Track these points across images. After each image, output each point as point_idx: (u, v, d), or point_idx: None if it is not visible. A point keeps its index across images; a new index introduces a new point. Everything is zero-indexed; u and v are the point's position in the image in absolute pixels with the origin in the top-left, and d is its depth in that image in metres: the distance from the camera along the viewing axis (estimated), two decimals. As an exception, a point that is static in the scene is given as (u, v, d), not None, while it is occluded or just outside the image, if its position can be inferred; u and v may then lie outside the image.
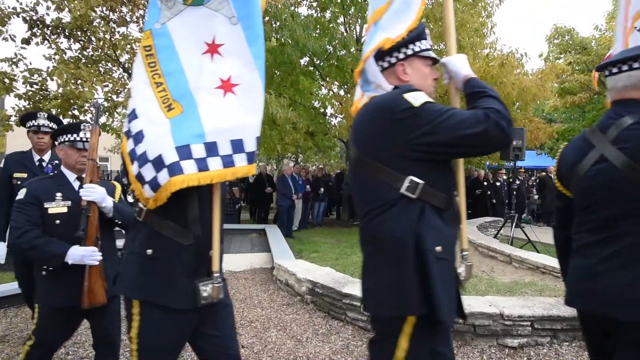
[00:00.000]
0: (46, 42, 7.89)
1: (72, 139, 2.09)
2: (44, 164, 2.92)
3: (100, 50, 8.03)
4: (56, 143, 2.17)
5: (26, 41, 7.64)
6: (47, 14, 7.76)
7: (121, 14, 8.27)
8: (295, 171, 9.60)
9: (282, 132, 8.92)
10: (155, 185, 1.45)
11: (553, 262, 4.94)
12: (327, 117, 11.05)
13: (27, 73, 7.38)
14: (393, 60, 1.48)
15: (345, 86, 10.34)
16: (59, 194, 2.02)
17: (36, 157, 2.94)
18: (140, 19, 8.56)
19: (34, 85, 7.53)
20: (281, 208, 8.95)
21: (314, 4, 9.84)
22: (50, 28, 7.72)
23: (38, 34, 7.73)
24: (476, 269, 5.61)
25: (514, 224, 6.90)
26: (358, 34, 10.28)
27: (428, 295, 1.25)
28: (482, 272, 5.30)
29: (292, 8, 9.23)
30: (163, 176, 1.44)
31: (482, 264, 5.71)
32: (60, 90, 7.23)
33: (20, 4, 7.51)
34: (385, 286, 1.32)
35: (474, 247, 6.16)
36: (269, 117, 8.01)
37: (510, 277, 4.93)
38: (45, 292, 2.01)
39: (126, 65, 9.03)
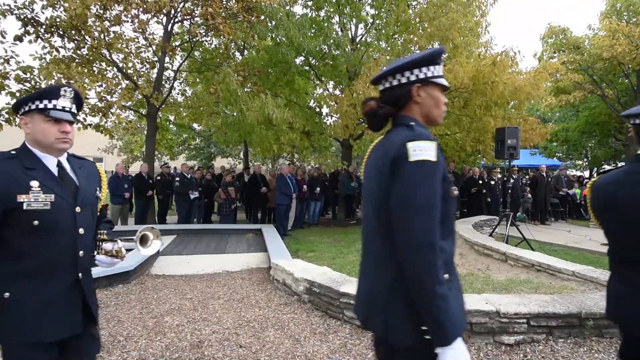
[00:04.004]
0: (39, 40, 7.80)
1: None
2: None
3: (95, 49, 7.94)
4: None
5: (19, 38, 7.55)
6: (43, 12, 7.68)
7: (116, 12, 8.20)
8: (289, 171, 9.58)
9: (279, 132, 8.90)
10: None
11: (548, 260, 4.99)
12: (322, 117, 11.04)
13: (20, 71, 7.31)
14: None
15: (341, 86, 10.33)
16: None
17: None
18: (135, 18, 8.50)
19: (27, 83, 7.45)
20: (280, 207, 8.92)
21: (309, 3, 9.81)
22: (44, 26, 7.64)
23: (31, 32, 7.64)
24: (472, 267, 5.65)
25: (509, 222, 6.95)
26: (353, 33, 10.28)
27: None
28: (478, 270, 5.34)
29: (288, 7, 9.21)
30: None
31: (478, 262, 5.75)
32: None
33: (15, 1, 7.43)
34: None
35: (470, 246, 6.20)
36: (265, 117, 8.01)
37: (505, 275, 4.97)
38: None
39: (120, 65, 8.96)
